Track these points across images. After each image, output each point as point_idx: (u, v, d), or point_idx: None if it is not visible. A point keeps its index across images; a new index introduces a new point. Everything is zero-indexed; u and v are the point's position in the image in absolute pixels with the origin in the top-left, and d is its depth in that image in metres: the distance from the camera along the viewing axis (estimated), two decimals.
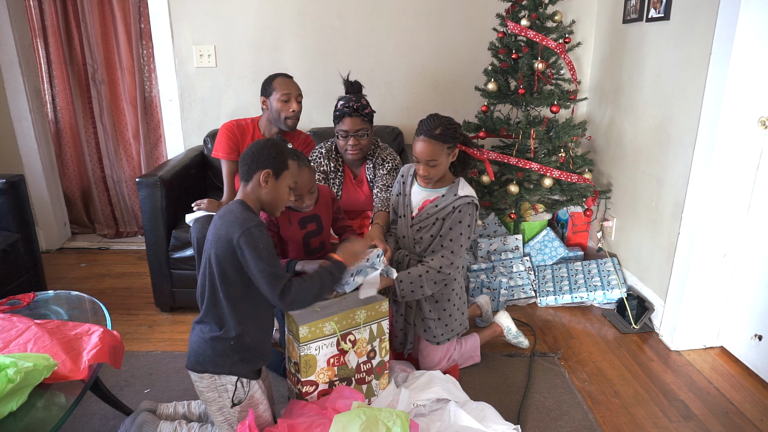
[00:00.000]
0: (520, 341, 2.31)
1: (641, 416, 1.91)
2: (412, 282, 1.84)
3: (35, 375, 1.33)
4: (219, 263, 1.47)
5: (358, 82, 2.29)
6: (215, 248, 1.47)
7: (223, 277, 1.48)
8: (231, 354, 1.52)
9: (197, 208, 2.27)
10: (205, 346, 1.53)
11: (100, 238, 3.68)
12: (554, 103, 2.58)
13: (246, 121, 2.45)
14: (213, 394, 1.55)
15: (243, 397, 1.56)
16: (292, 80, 2.36)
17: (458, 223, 1.85)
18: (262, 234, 1.44)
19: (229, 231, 1.44)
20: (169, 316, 2.61)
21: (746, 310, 2.16)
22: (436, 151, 1.80)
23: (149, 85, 3.48)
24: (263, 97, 2.35)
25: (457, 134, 1.84)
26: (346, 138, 2.22)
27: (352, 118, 2.18)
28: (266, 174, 1.51)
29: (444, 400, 1.84)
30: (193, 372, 1.55)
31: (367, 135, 2.24)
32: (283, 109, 2.30)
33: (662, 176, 2.42)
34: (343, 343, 1.73)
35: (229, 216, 1.48)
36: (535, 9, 2.57)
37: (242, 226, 1.43)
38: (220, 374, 1.53)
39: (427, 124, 1.82)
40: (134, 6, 3.29)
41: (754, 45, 1.92)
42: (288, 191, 1.57)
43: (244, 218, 1.45)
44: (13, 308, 1.81)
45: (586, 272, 2.76)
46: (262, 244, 1.43)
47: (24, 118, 3.22)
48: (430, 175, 1.85)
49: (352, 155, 2.25)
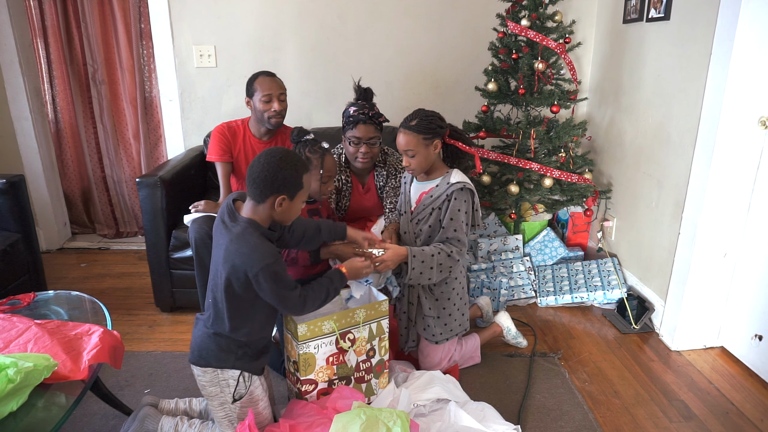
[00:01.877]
0: (519, 342, 2.31)
1: (641, 416, 1.91)
2: (424, 261, 1.83)
3: (35, 375, 1.33)
4: (229, 285, 1.48)
5: (371, 89, 2.24)
6: (227, 272, 1.46)
7: (231, 292, 1.49)
8: (234, 349, 1.54)
9: (195, 210, 2.28)
10: (209, 341, 1.54)
11: (100, 238, 3.69)
12: (554, 103, 2.58)
13: (237, 122, 2.47)
14: (215, 389, 1.56)
15: (244, 393, 1.58)
16: (274, 78, 2.35)
17: (457, 212, 1.87)
18: (282, 267, 1.47)
19: (245, 263, 1.42)
20: (169, 316, 2.61)
21: (746, 310, 2.16)
22: (410, 141, 1.84)
23: (149, 85, 3.48)
24: (247, 97, 2.36)
25: (433, 126, 1.85)
26: (357, 145, 2.18)
27: (366, 126, 2.15)
28: (282, 199, 1.47)
29: (444, 400, 1.84)
30: (197, 366, 1.56)
31: (379, 143, 2.24)
32: (266, 109, 2.32)
33: (662, 176, 2.42)
34: (342, 342, 1.73)
35: (245, 246, 1.43)
36: (535, 9, 2.57)
37: (261, 261, 1.41)
38: (223, 369, 1.54)
39: (407, 116, 1.89)
40: (134, 6, 3.29)
41: (754, 45, 1.92)
42: (301, 204, 1.54)
43: (262, 253, 1.42)
44: (13, 308, 1.81)
45: (586, 272, 2.76)
46: (282, 278, 1.46)
47: (24, 118, 3.22)
48: (411, 166, 1.89)
49: (362, 163, 2.22)
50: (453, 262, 1.87)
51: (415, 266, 1.83)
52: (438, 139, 1.88)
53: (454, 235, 1.88)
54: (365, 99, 2.23)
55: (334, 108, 3.15)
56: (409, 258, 1.82)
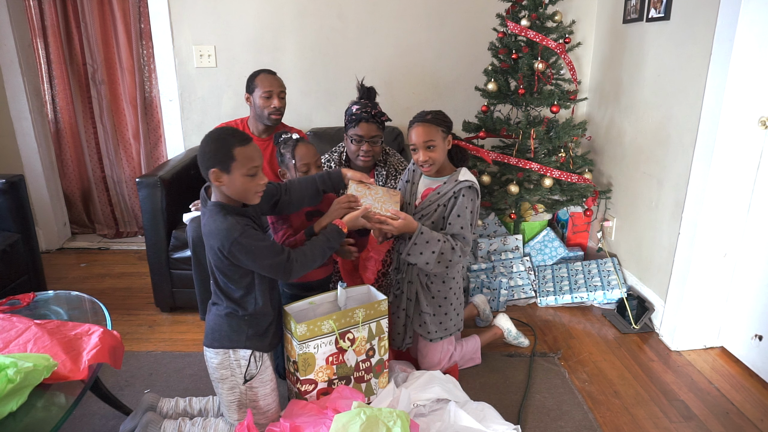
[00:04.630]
0: (520, 342, 2.31)
1: (641, 416, 1.91)
2: (429, 242, 1.81)
3: (35, 375, 1.33)
4: (217, 267, 1.55)
5: (374, 89, 2.25)
6: (210, 255, 1.55)
7: (223, 273, 1.55)
8: (245, 328, 1.59)
9: (195, 209, 2.29)
10: (221, 321, 1.60)
11: (100, 238, 3.68)
12: (554, 103, 2.58)
13: (236, 121, 2.51)
14: (226, 372, 1.61)
15: (255, 373, 1.62)
16: (275, 76, 2.38)
17: (464, 209, 1.86)
18: (251, 236, 1.48)
19: (216, 243, 1.48)
20: (169, 316, 2.61)
21: (746, 310, 2.16)
22: (430, 131, 1.84)
23: (149, 85, 3.48)
24: (247, 93, 2.40)
25: (447, 121, 1.90)
26: (359, 143, 2.18)
27: (368, 124, 2.15)
28: (215, 173, 1.46)
29: (444, 400, 1.84)
30: (210, 348, 1.61)
31: (380, 142, 2.24)
32: (266, 106, 2.35)
33: (662, 176, 2.42)
34: (342, 342, 1.73)
35: (212, 226, 1.49)
36: (535, 9, 2.57)
37: (228, 238, 1.45)
38: (235, 348, 1.59)
39: (418, 114, 1.90)
40: (134, 6, 3.29)
41: (754, 45, 1.92)
42: (248, 178, 1.48)
43: (227, 229, 1.46)
44: (13, 308, 1.81)
45: (586, 272, 2.76)
46: (253, 246, 1.48)
47: (24, 118, 3.22)
48: (431, 159, 1.86)
49: (364, 161, 2.22)
50: (455, 257, 1.85)
51: (418, 242, 1.81)
52: (450, 135, 1.91)
53: (460, 233, 1.86)
54: (368, 98, 2.23)
55: (334, 108, 3.15)
56: (416, 233, 1.81)
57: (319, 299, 1.83)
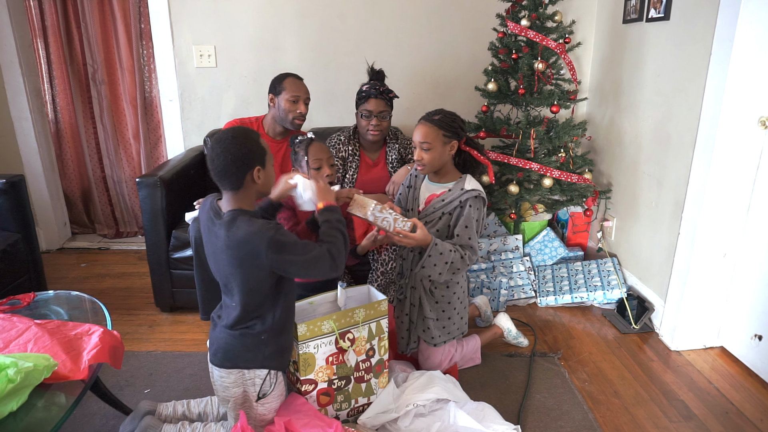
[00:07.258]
0: (520, 341, 2.31)
1: (641, 416, 1.91)
2: (442, 253, 1.78)
3: (35, 375, 1.33)
4: (246, 278, 1.45)
5: (382, 71, 2.47)
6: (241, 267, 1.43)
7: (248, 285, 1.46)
8: (262, 348, 1.52)
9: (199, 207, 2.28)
10: (234, 341, 1.52)
11: (100, 238, 3.69)
12: (554, 103, 2.58)
13: (250, 119, 2.47)
14: (238, 390, 1.54)
15: (268, 391, 1.57)
16: (302, 82, 2.39)
17: (472, 219, 1.85)
18: (284, 233, 1.43)
19: (251, 248, 1.39)
20: (169, 316, 2.61)
21: (746, 310, 2.16)
22: (429, 133, 1.82)
23: (149, 85, 3.48)
24: (271, 94, 2.38)
25: (455, 126, 1.85)
26: (369, 118, 2.37)
27: (377, 100, 2.35)
28: (257, 171, 1.45)
29: (444, 400, 1.84)
30: (221, 368, 1.53)
31: (388, 118, 2.41)
32: (291, 110, 2.34)
33: (662, 176, 2.42)
34: (342, 342, 1.73)
35: (242, 232, 1.39)
36: (535, 9, 2.57)
37: (263, 238, 1.37)
38: (251, 369, 1.53)
39: (430, 112, 1.89)
40: (134, 6, 3.29)
41: (754, 45, 1.92)
42: (272, 167, 1.53)
43: (257, 230, 1.38)
44: (13, 308, 1.81)
45: (586, 272, 2.76)
46: (290, 242, 1.42)
47: (24, 118, 3.22)
48: (423, 161, 1.85)
49: (373, 136, 2.39)
50: (463, 266, 1.84)
51: (432, 254, 1.78)
52: (455, 141, 1.87)
53: (468, 243, 1.85)
54: (378, 79, 2.44)
55: (335, 108, 3.16)
56: (431, 245, 1.77)
57: (319, 299, 1.84)
